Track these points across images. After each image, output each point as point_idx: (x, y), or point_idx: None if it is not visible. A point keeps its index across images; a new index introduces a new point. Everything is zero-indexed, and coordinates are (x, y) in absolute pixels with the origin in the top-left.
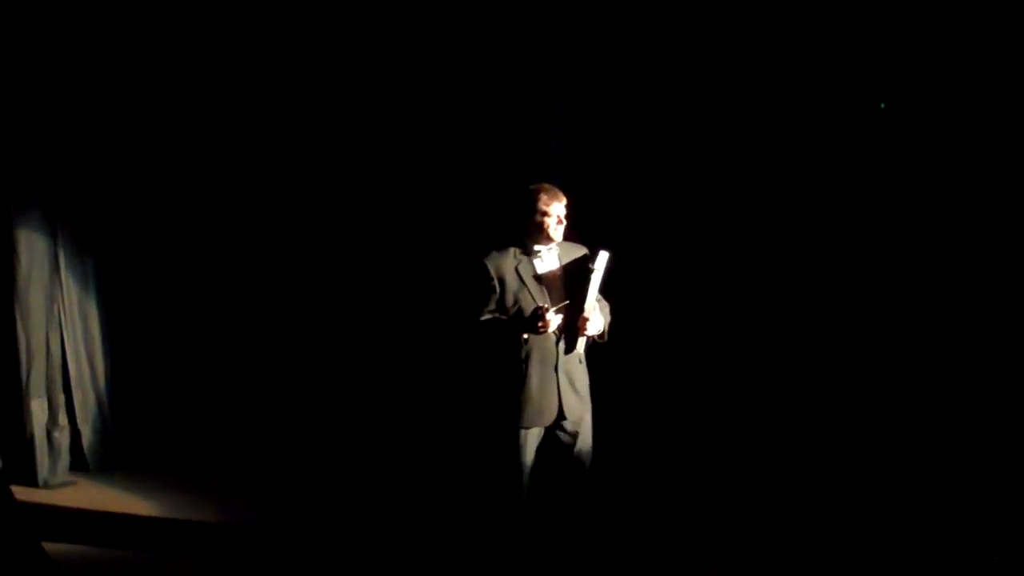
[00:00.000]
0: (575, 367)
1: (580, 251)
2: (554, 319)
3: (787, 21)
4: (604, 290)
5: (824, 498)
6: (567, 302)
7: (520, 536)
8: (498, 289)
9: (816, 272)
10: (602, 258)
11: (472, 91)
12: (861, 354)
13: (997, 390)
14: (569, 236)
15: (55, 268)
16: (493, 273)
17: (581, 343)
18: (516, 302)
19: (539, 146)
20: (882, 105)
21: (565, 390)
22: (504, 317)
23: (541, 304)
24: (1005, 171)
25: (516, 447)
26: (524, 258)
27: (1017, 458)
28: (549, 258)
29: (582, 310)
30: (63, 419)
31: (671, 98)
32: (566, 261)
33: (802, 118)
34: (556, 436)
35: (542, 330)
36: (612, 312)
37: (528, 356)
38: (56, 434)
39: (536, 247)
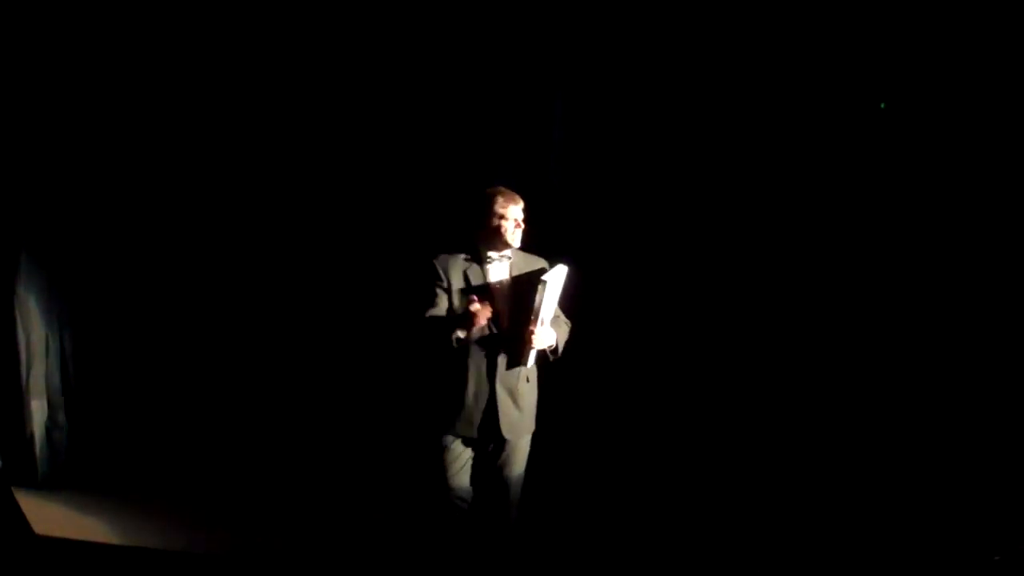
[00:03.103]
0: (519, 383)
1: (538, 263)
2: (483, 312)
3: (788, 17)
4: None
5: (823, 499)
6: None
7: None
8: (446, 291)
9: (816, 267)
10: (559, 272)
11: (472, 84)
12: (861, 354)
13: (997, 390)
14: (556, 235)
15: (55, 269)
16: (442, 275)
17: (530, 358)
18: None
19: (539, 141)
20: (882, 105)
21: (503, 404)
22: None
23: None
24: (1005, 171)
25: (444, 456)
26: (475, 264)
27: (1017, 458)
28: (500, 267)
29: (528, 322)
30: (63, 419)
31: (672, 91)
32: (518, 272)
33: (801, 115)
34: (488, 455)
35: (474, 324)
36: (572, 331)
37: (467, 362)
38: (56, 434)
39: (490, 253)
